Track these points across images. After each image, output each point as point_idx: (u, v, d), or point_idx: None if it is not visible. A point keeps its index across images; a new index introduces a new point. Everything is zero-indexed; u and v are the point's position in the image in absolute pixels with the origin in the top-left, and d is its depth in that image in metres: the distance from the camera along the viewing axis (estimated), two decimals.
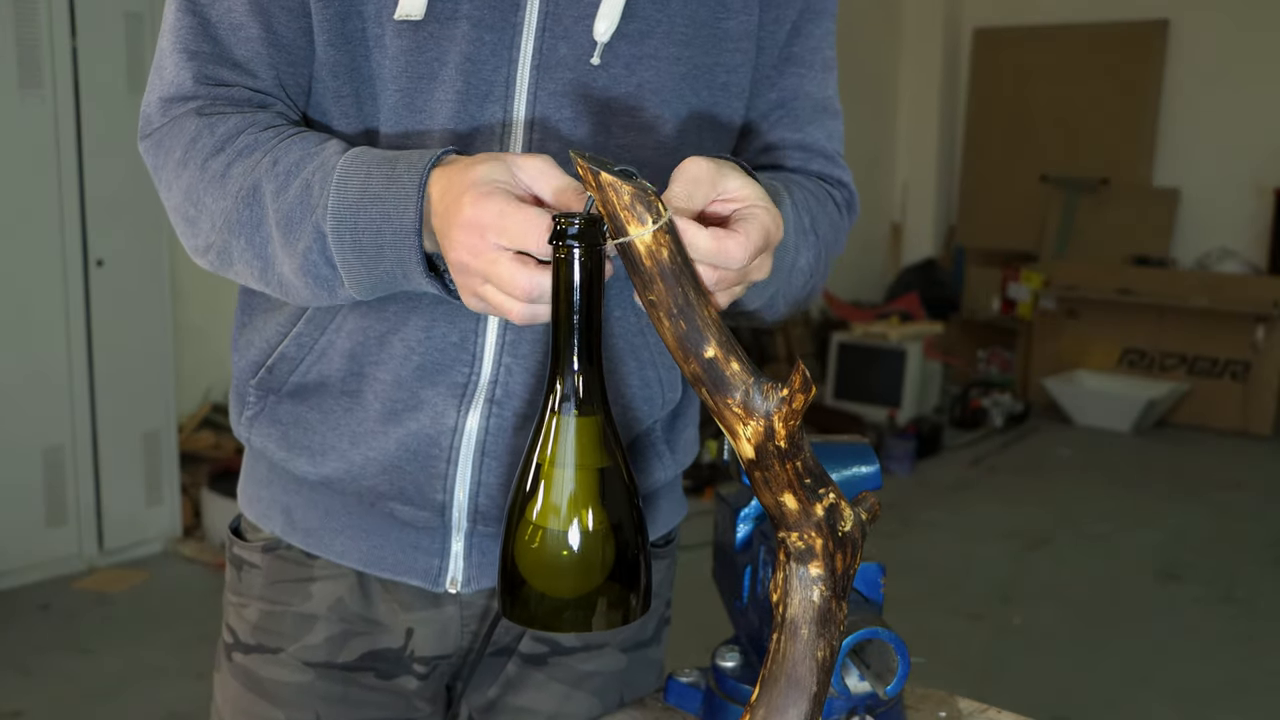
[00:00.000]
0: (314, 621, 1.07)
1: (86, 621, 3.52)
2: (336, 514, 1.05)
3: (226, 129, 0.94)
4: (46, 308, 3.74)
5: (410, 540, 1.04)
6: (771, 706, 0.78)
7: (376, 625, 1.08)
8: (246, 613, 1.10)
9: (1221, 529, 4.69)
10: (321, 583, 1.07)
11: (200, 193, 0.93)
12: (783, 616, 0.78)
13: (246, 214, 0.91)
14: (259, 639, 1.09)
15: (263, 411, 1.05)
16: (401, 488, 1.01)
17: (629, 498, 0.78)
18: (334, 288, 0.89)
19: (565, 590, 0.77)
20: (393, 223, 0.84)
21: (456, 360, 0.98)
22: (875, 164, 7.47)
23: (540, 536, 0.76)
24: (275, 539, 1.09)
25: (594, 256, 0.74)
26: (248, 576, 1.10)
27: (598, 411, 0.76)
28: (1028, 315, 6.77)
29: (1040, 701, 3.07)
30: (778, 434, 0.73)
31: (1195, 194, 6.86)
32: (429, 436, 0.99)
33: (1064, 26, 7.15)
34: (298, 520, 1.07)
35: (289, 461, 1.04)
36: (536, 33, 0.94)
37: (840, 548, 0.78)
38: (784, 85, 1.07)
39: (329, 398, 1.02)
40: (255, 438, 1.06)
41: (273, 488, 1.08)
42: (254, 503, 1.11)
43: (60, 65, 3.66)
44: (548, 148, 0.95)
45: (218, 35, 0.95)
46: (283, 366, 1.02)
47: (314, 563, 1.07)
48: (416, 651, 1.09)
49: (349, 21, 0.95)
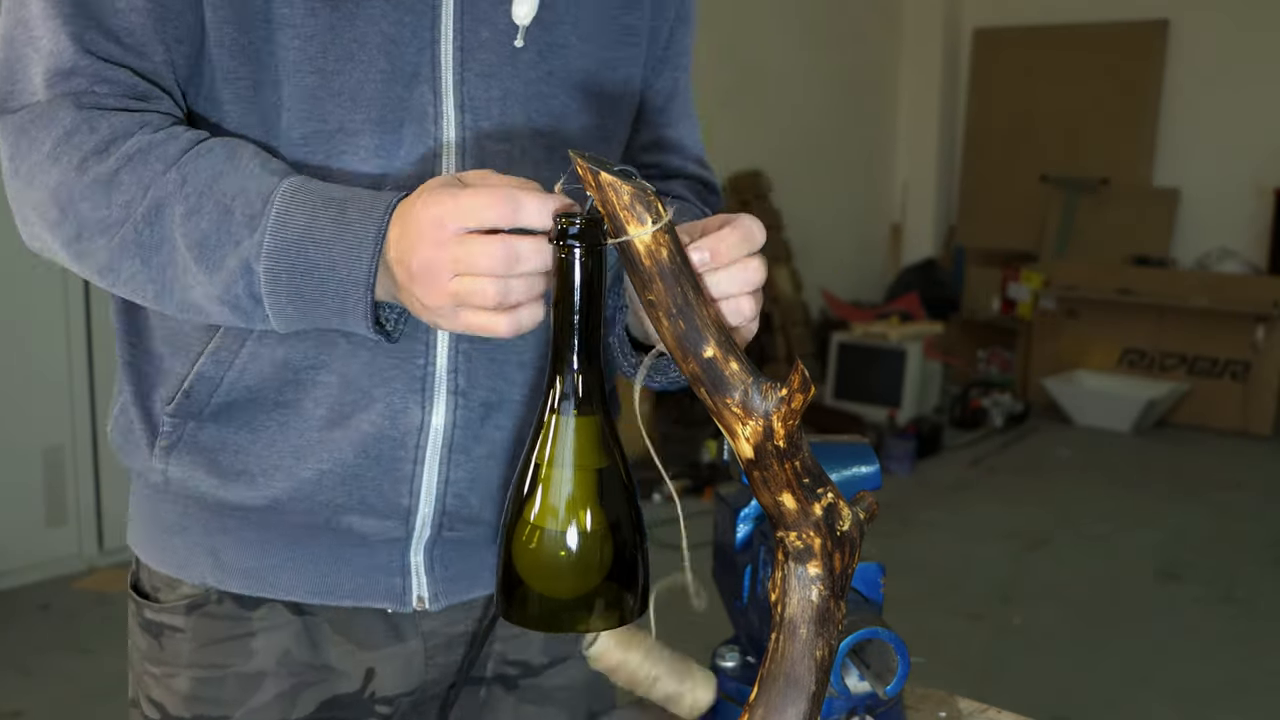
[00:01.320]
0: (261, 680, 0.97)
1: (86, 621, 3.52)
2: (275, 546, 0.96)
3: (111, 128, 0.84)
4: (46, 308, 3.74)
5: (366, 561, 0.97)
6: (770, 706, 0.78)
7: (330, 671, 0.99)
8: (175, 684, 0.98)
9: (1221, 529, 4.69)
10: (263, 635, 0.97)
11: (73, 196, 0.84)
12: (781, 616, 0.78)
13: (146, 233, 0.82)
14: (195, 710, 0.97)
15: (180, 440, 0.94)
16: (363, 496, 0.94)
17: (628, 498, 0.78)
18: (253, 320, 0.82)
19: (564, 590, 0.77)
20: (339, 272, 0.78)
21: (409, 350, 0.92)
22: (875, 164, 7.47)
23: (539, 537, 0.76)
24: (199, 595, 0.97)
25: (595, 257, 0.74)
26: (171, 643, 0.98)
27: (597, 411, 0.76)
28: (1028, 315, 6.77)
29: (1040, 701, 3.07)
30: (776, 434, 0.74)
31: (1195, 194, 6.86)
32: (391, 438, 0.93)
33: (1064, 26, 7.15)
34: (229, 562, 0.96)
35: (222, 490, 0.94)
36: (455, 15, 0.92)
37: (839, 547, 0.78)
38: (662, 87, 1.08)
39: (260, 413, 0.93)
40: (174, 469, 0.94)
41: (190, 533, 0.97)
42: (167, 554, 0.99)
43: None
44: (481, 129, 0.93)
45: (99, 8, 0.85)
46: (201, 388, 0.92)
47: (251, 614, 0.97)
48: (379, 692, 1.01)
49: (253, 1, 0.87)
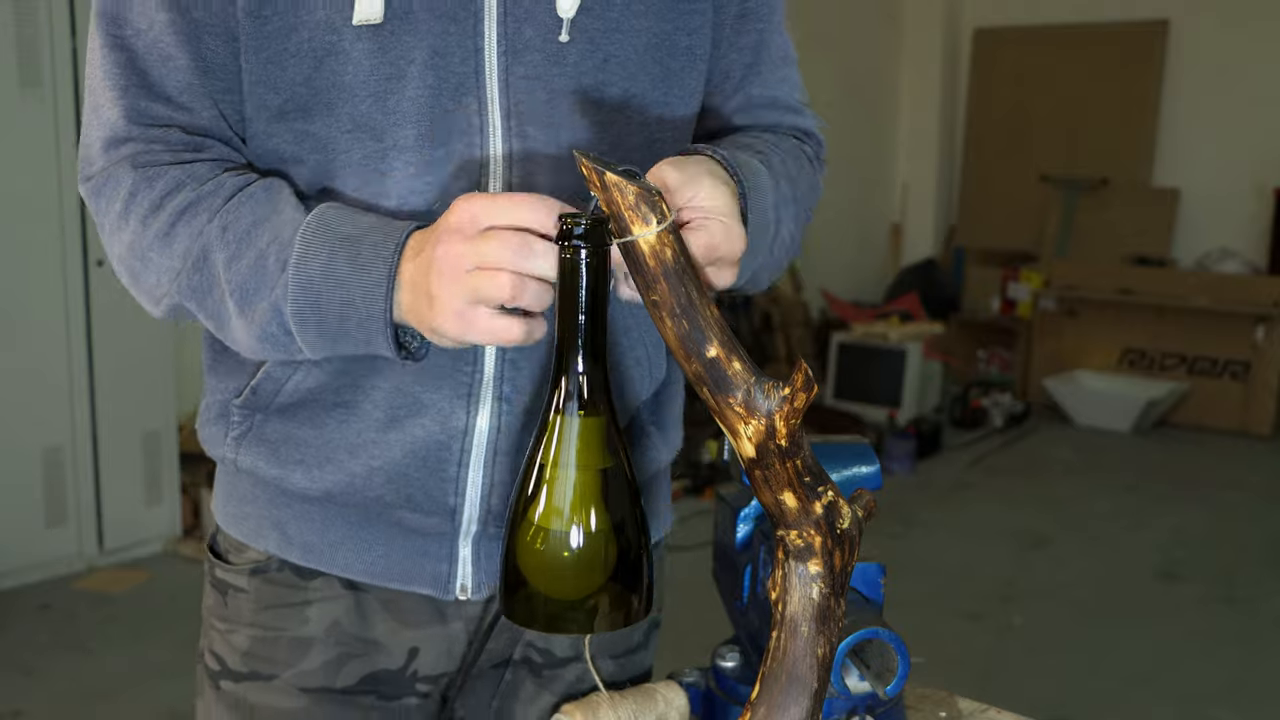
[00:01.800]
0: (310, 645, 1.04)
1: (86, 621, 3.52)
2: (335, 526, 1.01)
3: (164, 184, 0.91)
4: (46, 308, 3.74)
5: (417, 547, 1.01)
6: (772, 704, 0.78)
7: (375, 646, 1.05)
8: (235, 639, 1.05)
9: (1221, 529, 4.69)
10: (318, 605, 1.04)
11: (144, 250, 0.92)
12: (782, 614, 0.78)
13: (197, 279, 0.90)
14: (251, 666, 1.05)
15: (250, 431, 1.01)
16: (409, 495, 0.98)
17: (632, 498, 0.78)
18: (291, 352, 0.89)
19: (567, 592, 0.77)
20: (359, 310, 0.83)
21: (457, 359, 0.95)
22: (875, 164, 7.47)
23: (542, 537, 0.76)
24: (263, 561, 1.05)
25: (600, 257, 0.74)
26: (235, 602, 1.06)
27: (602, 412, 0.76)
28: (1028, 315, 6.78)
29: (1040, 701, 3.07)
30: (779, 433, 0.74)
31: (1195, 194, 6.86)
32: (438, 441, 0.97)
33: (1064, 26, 7.15)
34: (293, 535, 1.03)
35: (283, 478, 1.00)
36: (499, 18, 0.92)
37: (839, 545, 0.78)
38: (744, 43, 1.06)
39: (320, 411, 0.98)
40: (243, 458, 1.02)
41: (259, 504, 1.04)
42: (240, 521, 1.06)
43: (60, 65, 3.66)
44: (527, 132, 0.93)
45: (147, 69, 0.92)
46: (267, 386, 0.99)
47: (308, 584, 1.04)
48: (420, 671, 1.06)
49: (294, 35, 0.90)
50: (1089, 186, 7.04)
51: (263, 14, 0.90)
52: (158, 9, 0.91)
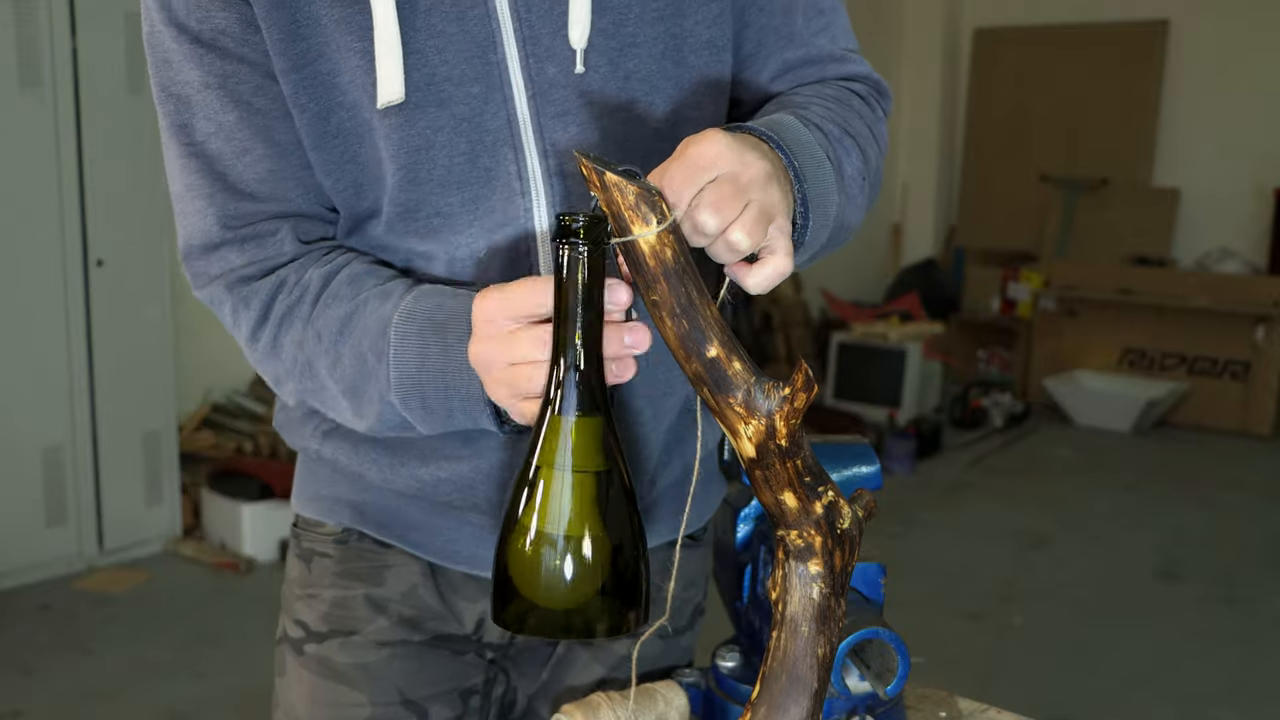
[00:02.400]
0: (387, 604, 1.09)
1: (86, 621, 3.52)
2: (407, 511, 1.07)
3: (261, 301, 0.96)
4: (46, 308, 3.74)
5: (481, 537, 1.06)
6: (773, 704, 0.78)
7: (445, 615, 1.10)
8: (317, 604, 1.11)
9: (1221, 529, 4.69)
10: (396, 569, 1.09)
11: (260, 363, 0.99)
12: (782, 614, 0.78)
13: (310, 384, 0.96)
14: (332, 625, 1.10)
15: (337, 428, 1.06)
16: (475, 502, 1.04)
17: (628, 503, 0.77)
18: (413, 430, 0.93)
19: (560, 600, 0.75)
20: (459, 392, 0.86)
21: None
22: None
23: (534, 543, 0.75)
24: (346, 531, 1.10)
25: (598, 255, 0.74)
26: (318, 566, 1.11)
27: (599, 412, 0.76)
28: (1028, 315, 6.78)
29: (1040, 701, 3.07)
30: (779, 433, 0.74)
31: (1195, 194, 6.86)
32: (502, 459, 1.02)
33: (1064, 26, 7.16)
34: (368, 514, 1.09)
35: (361, 473, 1.06)
36: (521, 63, 0.92)
37: (839, 545, 0.78)
38: (772, 8, 1.02)
39: None
40: (326, 450, 1.07)
41: (337, 486, 1.10)
42: (314, 501, 1.12)
43: (60, 65, 3.66)
44: (567, 169, 0.94)
45: (226, 170, 0.95)
46: None
47: (388, 552, 1.09)
48: (485, 638, 1.12)
49: (332, 117, 0.94)
50: (1089, 186, 7.04)
51: (300, 103, 0.93)
52: (223, 110, 0.94)
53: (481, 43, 0.92)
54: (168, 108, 0.95)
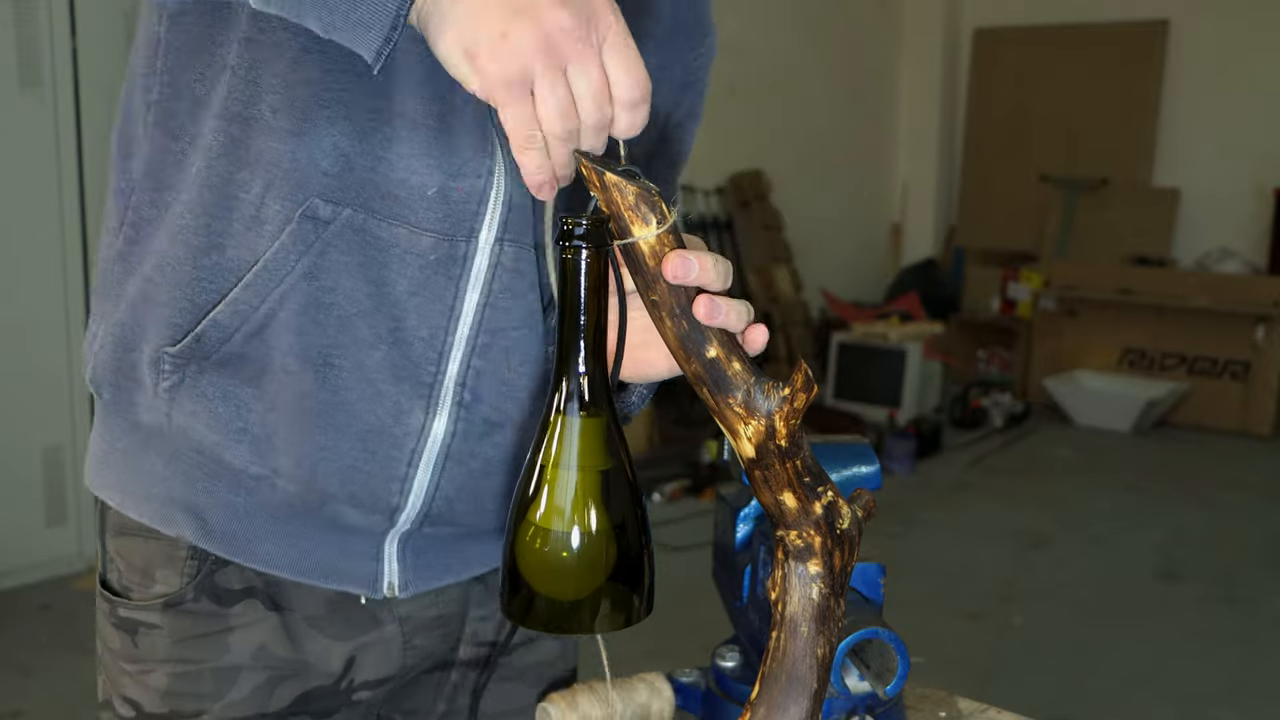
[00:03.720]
0: (237, 674, 0.97)
1: (86, 621, 3.51)
2: (258, 517, 0.95)
3: None
4: (46, 308, 3.74)
5: (344, 545, 0.97)
6: (772, 704, 0.78)
7: (306, 666, 1.00)
8: (151, 680, 0.98)
9: (1221, 529, 4.69)
10: (240, 631, 0.97)
11: None
12: (782, 614, 0.78)
13: None
14: (172, 705, 0.98)
15: (183, 382, 0.90)
16: (353, 491, 0.93)
17: (633, 499, 0.78)
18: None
19: (568, 592, 0.76)
20: None
21: (423, 358, 0.91)
22: (875, 164, 7.47)
23: (543, 538, 0.75)
24: (177, 591, 0.97)
25: (600, 257, 0.74)
26: (146, 640, 0.98)
27: (603, 412, 0.76)
28: (1028, 315, 6.78)
29: (1040, 701, 3.07)
30: (779, 433, 0.74)
31: (1195, 194, 6.86)
32: (392, 436, 0.92)
33: (1064, 26, 7.16)
34: (213, 524, 0.95)
35: (223, 448, 0.91)
36: None
37: (838, 545, 0.78)
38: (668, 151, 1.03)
39: (266, 374, 0.90)
40: (177, 414, 0.91)
41: (173, 483, 0.95)
42: (144, 502, 0.97)
43: (60, 65, 3.66)
44: None
45: None
46: (213, 335, 0.89)
47: (229, 611, 0.97)
48: (358, 678, 1.02)
49: None
50: (1089, 186, 7.04)
51: None
52: None
53: None
54: None
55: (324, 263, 0.87)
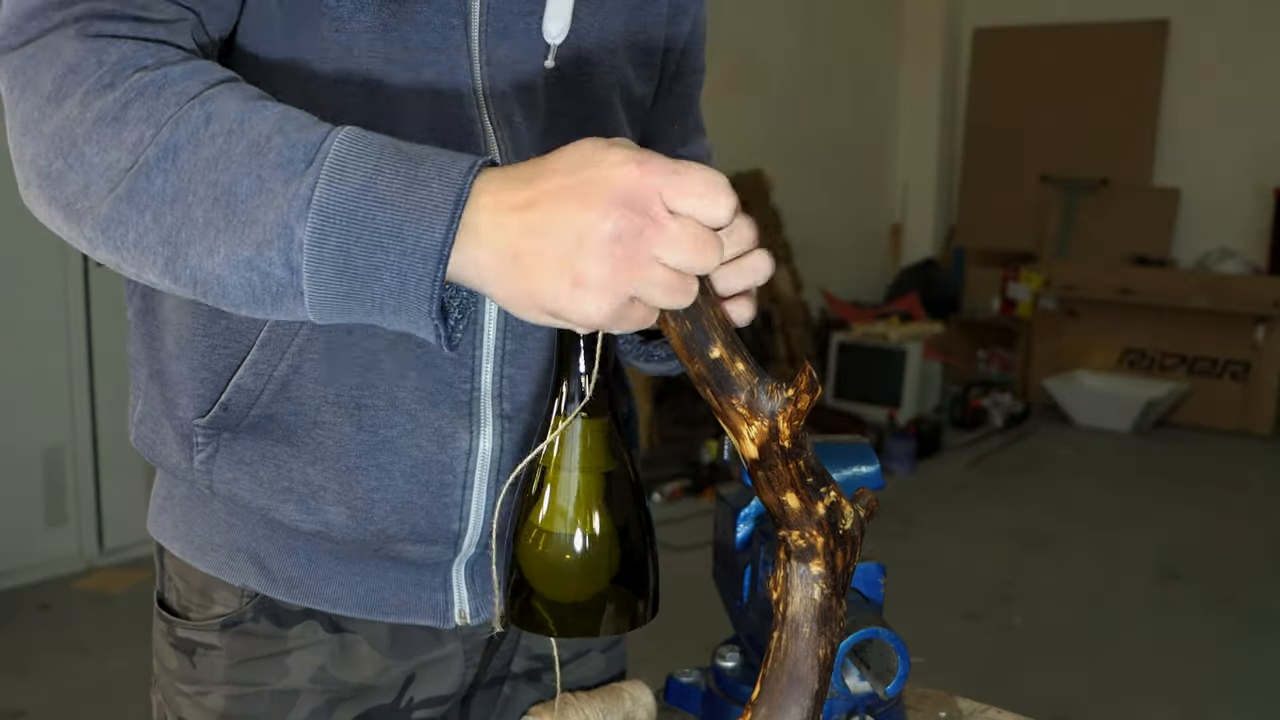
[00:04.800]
0: (295, 697, 0.95)
1: (86, 621, 3.52)
2: (322, 560, 0.93)
3: (122, 56, 0.69)
4: (46, 308, 3.74)
5: (412, 578, 0.94)
6: (773, 705, 0.78)
7: (365, 688, 0.98)
8: (209, 701, 0.96)
9: (1221, 529, 4.69)
10: (298, 654, 0.95)
11: (78, 140, 0.68)
12: (784, 615, 0.78)
13: (159, 181, 0.67)
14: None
15: (218, 452, 0.89)
16: (414, 525, 0.91)
17: (636, 501, 0.77)
18: (281, 301, 0.67)
19: (571, 595, 0.76)
20: (406, 240, 0.63)
21: (455, 376, 0.89)
22: (875, 164, 7.47)
23: (546, 541, 0.75)
24: (234, 612, 0.95)
25: None
26: (205, 661, 0.96)
27: (604, 414, 0.76)
28: (1028, 315, 6.78)
29: (1040, 701, 3.07)
30: (782, 434, 0.74)
31: (1195, 194, 6.86)
32: (440, 463, 0.90)
33: (1064, 26, 7.16)
34: (275, 570, 0.93)
35: (271, 509, 0.89)
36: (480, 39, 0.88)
37: (840, 545, 0.78)
38: (680, 92, 1.05)
39: (299, 429, 0.88)
40: (219, 483, 0.89)
41: (235, 532, 0.93)
42: (208, 553, 0.95)
43: None
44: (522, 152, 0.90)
45: None
46: (239, 400, 0.87)
47: (287, 632, 0.95)
48: (418, 696, 1.00)
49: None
50: (1089, 186, 7.04)
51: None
52: None
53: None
54: None
55: None
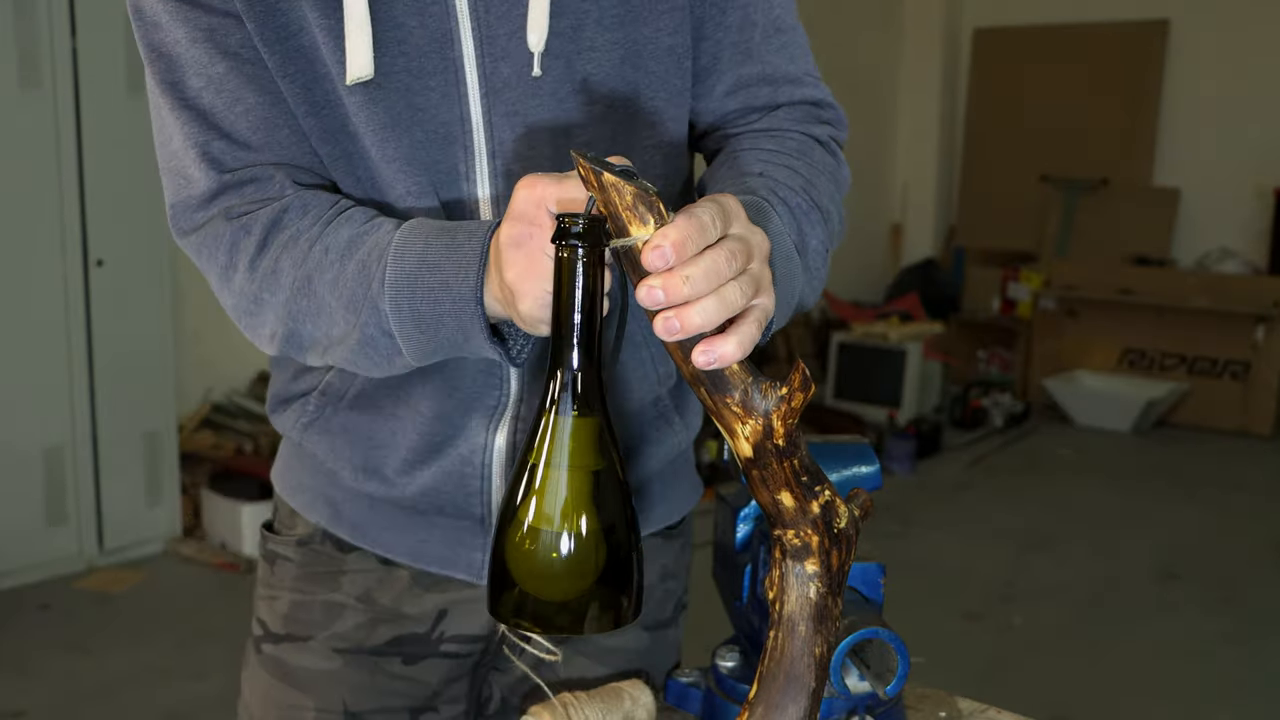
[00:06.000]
0: (342, 609, 1.11)
1: (86, 621, 3.52)
2: (382, 511, 1.09)
3: (261, 228, 0.93)
4: (46, 308, 3.74)
5: (454, 537, 1.08)
6: (771, 703, 0.78)
7: (402, 616, 1.11)
8: (277, 604, 1.13)
9: (1221, 529, 4.69)
10: (351, 575, 1.11)
11: (257, 293, 0.94)
12: (780, 614, 0.78)
13: (304, 304, 0.92)
14: (289, 628, 1.12)
15: (319, 419, 1.07)
16: (440, 505, 1.06)
17: (623, 501, 0.77)
18: (392, 358, 0.90)
19: (555, 593, 0.76)
20: (452, 290, 0.84)
21: (486, 387, 1.01)
22: (875, 164, 7.47)
23: (532, 538, 0.75)
24: (310, 533, 1.12)
25: (596, 256, 0.74)
26: (280, 569, 1.13)
27: (596, 412, 0.76)
28: (1028, 315, 6.78)
29: (1040, 701, 3.07)
30: (776, 432, 0.74)
31: (1195, 194, 6.86)
32: (463, 458, 1.03)
33: (1064, 26, 7.16)
34: (344, 514, 1.10)
35: (338, 471, 1.08)
36: (476, 61, 0.92)
37: (836, 544, 0.78)
38: (729, 21, 1.01)
39: (380, 418, 1.04)
40: (307, 442, 1.09)
41: (318, 478, 1.11)
42: (298, 492, 1.14)
43: (60, 65, 3.66)
44: (512, 170, 0.94)
45: (219, 120, 0.94)
46: (333, 391, 1.06)
47: (346, 557, 1.11)
48: (448, 631, 1.12)
49: (316, 88, 0.93)
50: (1089, 186, 7.04)
51: (287, 73, 0.93)
52: (212, 63, 0.93)
53: (440, 39, 0.92)
54: (157, 67, 0.94)
55: None
